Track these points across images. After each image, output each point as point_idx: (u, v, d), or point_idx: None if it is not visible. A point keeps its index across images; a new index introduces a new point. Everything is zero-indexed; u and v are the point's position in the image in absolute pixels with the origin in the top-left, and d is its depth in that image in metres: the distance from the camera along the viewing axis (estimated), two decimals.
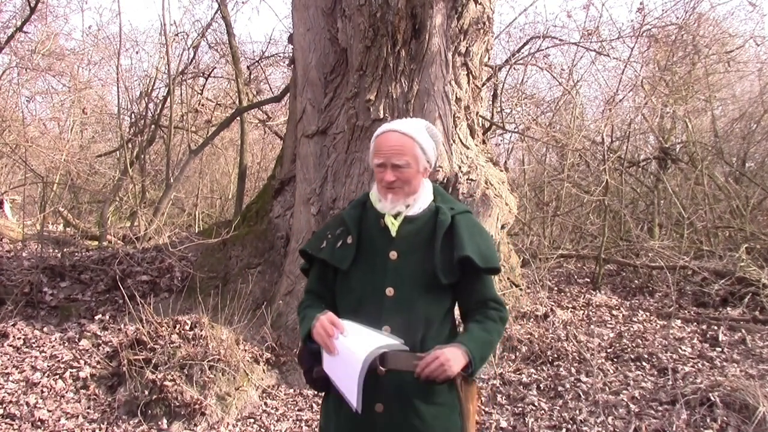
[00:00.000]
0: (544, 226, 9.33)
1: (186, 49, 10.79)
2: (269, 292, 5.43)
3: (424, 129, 2.03)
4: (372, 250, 2.01)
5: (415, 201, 2.02)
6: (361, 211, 2.08)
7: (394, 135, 1.98)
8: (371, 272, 1.98)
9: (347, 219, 2.07)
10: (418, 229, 2.00)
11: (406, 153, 1.96)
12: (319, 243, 2.09)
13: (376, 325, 1.92)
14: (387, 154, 1.96)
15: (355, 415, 1.89)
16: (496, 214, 5.03)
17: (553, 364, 4.75)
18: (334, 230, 2.08)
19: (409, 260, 1.97)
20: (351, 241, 2.01)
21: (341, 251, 2.02)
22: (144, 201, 10.53)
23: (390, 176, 1.96)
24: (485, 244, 2.02)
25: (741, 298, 6.02)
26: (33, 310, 5.24)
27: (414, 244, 1.99)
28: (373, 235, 2.02)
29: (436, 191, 2.11)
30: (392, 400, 1.90)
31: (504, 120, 9.69)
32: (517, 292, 6.10)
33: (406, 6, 4.72)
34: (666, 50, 9.16)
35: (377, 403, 1.90)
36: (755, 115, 10.44)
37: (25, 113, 11.52)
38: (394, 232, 2.00)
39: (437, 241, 1.96)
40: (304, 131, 5.28)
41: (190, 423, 3.96)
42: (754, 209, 8.64)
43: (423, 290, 1.95)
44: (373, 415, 1.91)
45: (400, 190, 1.98)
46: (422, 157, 1.99)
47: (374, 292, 1.95)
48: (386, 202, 2.00)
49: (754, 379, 4.20)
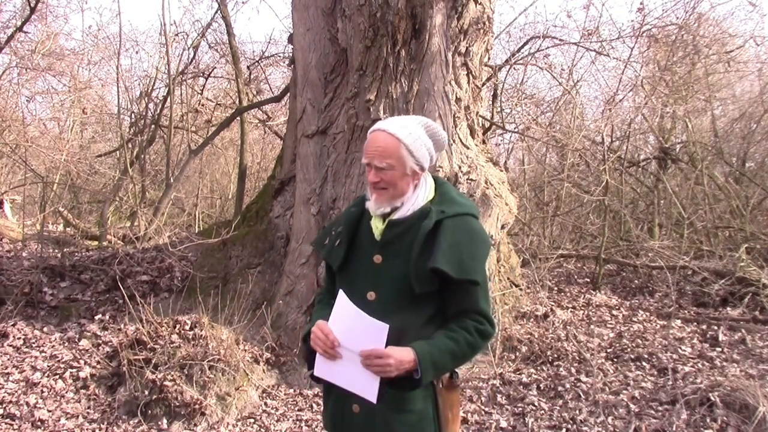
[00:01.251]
0: (544, 226, 9.34)
1: (186, 49, 10.79)
2: (269, 292, 5.43)
3: (418, 128, 1.93)
4: (360, 251, 1.98)
5: (403, 203, 1.94)
6: (362, 210, 2.04)
7: (380, 135, 1.91)
8: (356, 274, 1.96)
9: (345, 217, 2.05)
10: (403, 233, 1.93)
11: (390, 155, 1.88)
12: (324, 239, 2.09)
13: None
14: (371, 155, 1.91)
15: (334, 414, 1.98)
16: (496, 214, 5.03)
17: (553, 364, 4.75)
18: (336, 227, 2.07)
19: (391, 265, 1.92)
20: (342, 240, 2.00)
21: (336, 250, 2.00)
22: (144, 201, 10.53)
23: (373, 177, 1.92)
24: (469, 253, 1.88)
25: (741, 298, 6.02)
26: (33, 310, 5.24)
27: (397, 249, 1.92)
28: (363, 237, 1.99)
29: (441, 191, 2.01)
30: (367, 403, 1.87)
31: (504, 120, 9.70)
32: (517, 292, 6.10)
33: (406, 6, 4.72)
34: (666, 50, 9.16)
35: (354, 404, 1.92)
36: (755, 115, 10.43)
37: (25, 113, 11.52)
38: (379, 236, 1.95)
39: (413, 248, 1.89)
40: (304, 131, 5.28)
41: (190, 423, 3.96)
42: (754, 209, 8.64)
43: (403, 296, 1.89)
44: (351, 415, 1.94)
45: (385, 192, 1.92)
46: (409, 158, 1.89)
47: (358, 294, 1.91)
48: (371, 202, 1.97)
49: (754, 379, 4.20)
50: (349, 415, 1.94)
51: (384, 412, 1.88)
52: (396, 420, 1.89)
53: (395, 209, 1.95)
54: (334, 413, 2.01)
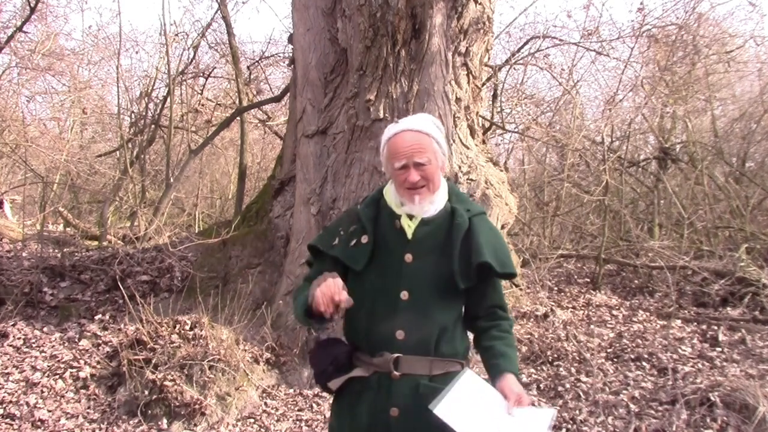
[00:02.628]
0: (544, 226, 9.35)
1: (186, 49, 10.81)
2: (269, 292, 5.43)
3: (434, 124, 1.97)
4: (386, 251, 1.94)
5: (434, 201, 1.95)
6: (376, 210, 2.00)
7: (409, 134, 1.90)
8: (385, 274, 1.92)
9: (363, 217, 1.98)
10: (434, 231, 1.94)
11: (426, 150, 1.89)
12: (331, 239, 2.01)
13: (389, 327, 1.88)
14: (408, 154, 1.88)
15: (369, 417, 1.88)
16: (496, 214, 5.03)
17: (553, 364, 4.75)
18: (347, 227, 2.00)
19: (425, 263, 1.92)
20: (366, 240, 1.94)
21: (355, 250, 1.94)
22: (144, 201, 10.53)
23: (415, 176, 1.88)
24: (501, 249, 1.97)
25: (741, 298, 6.02)
26: (33, 310, 5.24)
27: (429, 247, 1.93)
28: (387, 236, 1.95)
29: (451, 190, 2.04)
30: (407, 405, 1.85)
31: (504, 120, 9.70)
32: (517, 292, 6.11)
33: (406, 6, 4.72)
34: (666, 50, 9.17)
35: (392, 408, 1.87)
36: (755, 115, 10.44)
37: (25, 113, 11.54)
38: (410, 234, 1.94)
39: (455, 245, 1.91)
40: (304, 131, 5.28)
41: (190, 423, 3.96)
42: (754, 209, 8.65)
43: (438, 294, 1.91)
44: (387, 419, 1.88)
45: (426, 189, 1.91)
46: (440, 152, 1.93)
47: (388, 294, 1.90)
48: (414, 205, 1.92)
49: (754, 379, 4.19)
50: (386, 419, 1.87)
51: (426, 414, 1.77)
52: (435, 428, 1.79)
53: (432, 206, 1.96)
54: (369, 419, 1.90)
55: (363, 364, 1.93)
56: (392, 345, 1.86)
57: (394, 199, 1.98)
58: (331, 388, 1.98)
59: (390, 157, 1.93)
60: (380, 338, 1.89)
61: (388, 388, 1.84)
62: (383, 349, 1.88)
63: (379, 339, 1.89)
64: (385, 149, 1.96)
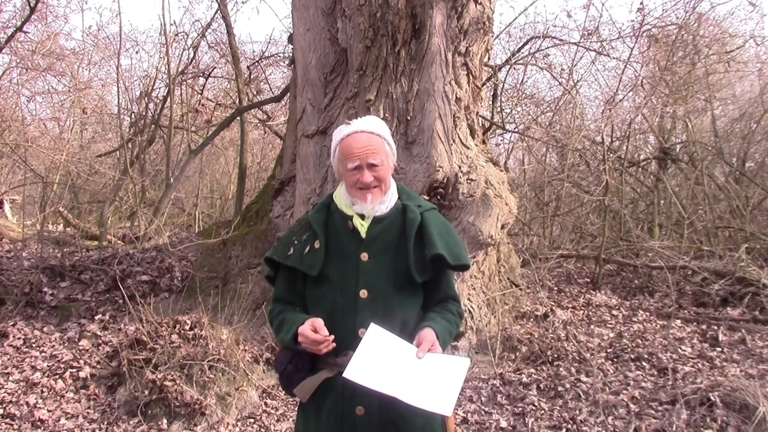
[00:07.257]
0: (544, 226, 9.35)
1: (186, 49, 10.82)
2: (269, 292, 5.43)
3: (384, 125, 2.03)
4: (342, 252, 1.97)
5: (384, 201, 2.01)
6: (326, 214, 2.04)
7: (362, 135, 1.96)
8: (343, 276, 1.95)
9: (313, 223, 2.01)
10: (387, 228, 1.99)
11: (379, 151, 1.96)
12: (286, 249, 2.03)
13: (351, 328, 1.90)
14: (361, 155, 1.93)
15: (335, 418, 1.91)
16: (496, 214, 5.03)
17: (553, 364, 4.75)
18: (300, 235, 2.03)
19: (381, 261, 1.96)
20: (319, 245, 1.97)
21: (310, 257, 1.97)
22: (144, 201, 10.54)
23: (368, 177, 1.93)
24: (453, 241, 2.03)
25: (741, 298, 6.03)
26: (33, 310, 5.24)
27: (384, 244, 1.97)
28: (341, 238, 1.99)
29: (401, 189, 2.10)
30: (372, 403, 1.87)
31: (504, 120, 9.70)
32: (517, 292, 6.11)
33: (406, 6, 4.72)
34: (666, 50, 9.17)
35: (357, 407, 1.90)
36: (755, 115, 10.45)
37: (25, 113, 11.55)
38: (364, 234, 1.98)
39: (410, 240, 1.96)
40: (304, 131, 5.28)
41: (190, 423, 3.96)
42: (754, 209, 8.66)
43: (396, 290, 1.95)
44: (354, 418, 1.91)
45: (378, 190, 1.97)
46: (390, 153, 2.00)
47: (348, 295, 1.93)
48: (366, 204, 1.96)
49: (754, 379, 4.19)
50: (352, 418, 1.91)
51: (391, 410, 1.85)
52: (402, 420, 1.88)
53: (383, 205, 2.01)
54: (335, 419, 1.93)
55: (327, 365, 1.94)
56: (355, 343, 1.86)
57: (345, 200, 2.03)
58: (297, 395, 1.98)
59: (343, 159, 1.98)
60: (343, 338, 1.89)
61: (353, 387, 1.83)
62: (347, 348, 1.89)
63: (342, 338, 1.89)
64: (338, 150, 2.00)
